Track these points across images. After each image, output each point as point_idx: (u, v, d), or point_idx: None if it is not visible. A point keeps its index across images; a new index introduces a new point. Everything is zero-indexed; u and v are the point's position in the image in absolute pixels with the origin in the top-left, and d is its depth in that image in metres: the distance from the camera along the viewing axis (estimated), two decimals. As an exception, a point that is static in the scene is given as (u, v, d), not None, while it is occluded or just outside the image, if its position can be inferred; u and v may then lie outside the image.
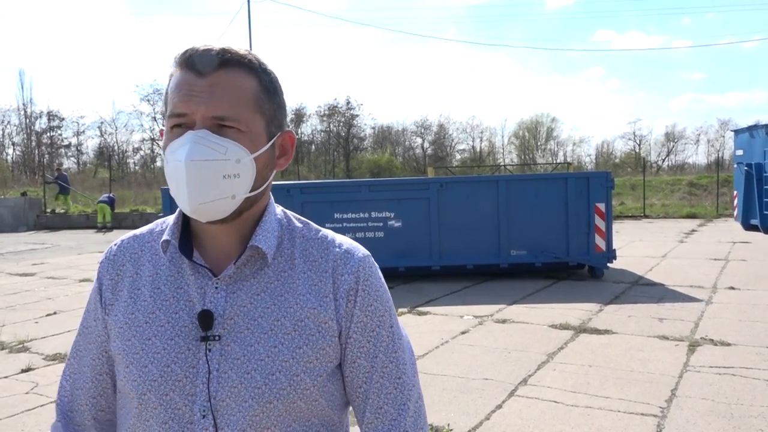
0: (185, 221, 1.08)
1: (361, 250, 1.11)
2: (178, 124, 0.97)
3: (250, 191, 1.00)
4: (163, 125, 1.04)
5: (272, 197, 1.11)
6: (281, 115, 1.05)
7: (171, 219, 1.09)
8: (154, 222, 1.16)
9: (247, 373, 0.99)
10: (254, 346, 1.00)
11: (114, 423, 1.15)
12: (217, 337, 1.00)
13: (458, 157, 51.07)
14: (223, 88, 0.96)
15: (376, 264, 1.13)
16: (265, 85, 1.01)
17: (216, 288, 1.02)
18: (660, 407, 4.08)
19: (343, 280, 1.05)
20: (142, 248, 1.11)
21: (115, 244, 1.15)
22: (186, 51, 0.98)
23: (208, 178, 0.94)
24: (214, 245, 1.06)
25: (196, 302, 1.03)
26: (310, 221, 1.14)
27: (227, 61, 0.97)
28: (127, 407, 1.06)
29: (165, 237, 1.05)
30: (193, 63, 0.96)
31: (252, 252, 1.04)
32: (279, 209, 1.12)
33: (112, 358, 1.09)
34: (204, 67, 0.96)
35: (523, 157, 50.74)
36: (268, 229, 1.06)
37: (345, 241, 1.11)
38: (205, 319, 1.00)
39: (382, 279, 1.12)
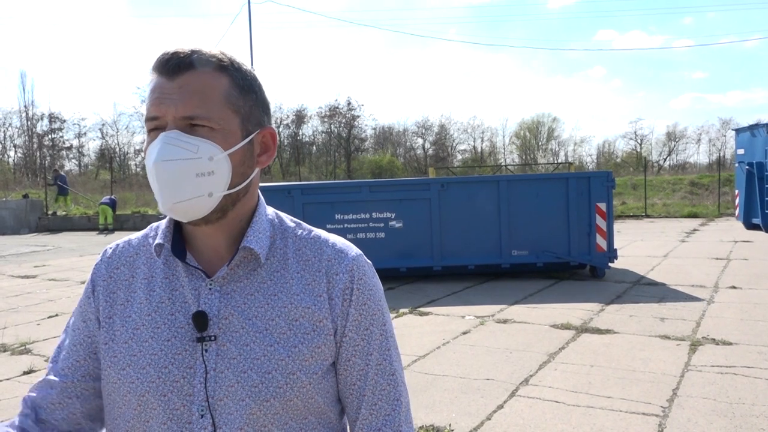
0: (177, 224, 1.09)
1: (354, 249, 1.12)
2: (154, 127, 0.99)
3: (229, 188, 1.00)
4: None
5: (262, 197, 1.12)
6: (259, 112, 1.06)
7: (163, 223, 1.11)
8: (147, 228, 1.17)
9: (243, 372, 1.00)
10: (250, 346, 1.01)
11: (83, 428, 1.13)
12: (212, 338, 1.01)
13: (459, 157, 51.06)
14: (192, 88, 0.98)
15: (369, 262, 1.13)
16: (238, 83, 1.02)
17: (210, 289, 1.04)
18: (662, 407, 4.08)
19: (338, 279, 1.06)
20: (137, 253, 1.13)
21: (110, 248, 1.16)
22: (159, 56, 1.00)
23: (181, 176, 0.95)
24: (206, 247, 1.07)
25: (191, 304, 1.04)
26: (302, 221, 1.15)
27: (195, 61, 0.98)
28: (119, 409, 1.05)
29: (158, 240, 1.06)
30: (163, 67, 0.99)
31: (245, 253, 1.05)
32: (270, 210, 1.13)
33: (101, 360, 1.09)
34: (173, 69, 0.98)
35: (524, 157, 50.72)
36: (260, 229, 1.07)
37: (338, 240, 1.12)
38: (200, 319, 1.01)
39: (376, 277, 1.13)
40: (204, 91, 0.98)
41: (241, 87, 1.02)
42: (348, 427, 1.15)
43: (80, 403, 1.11)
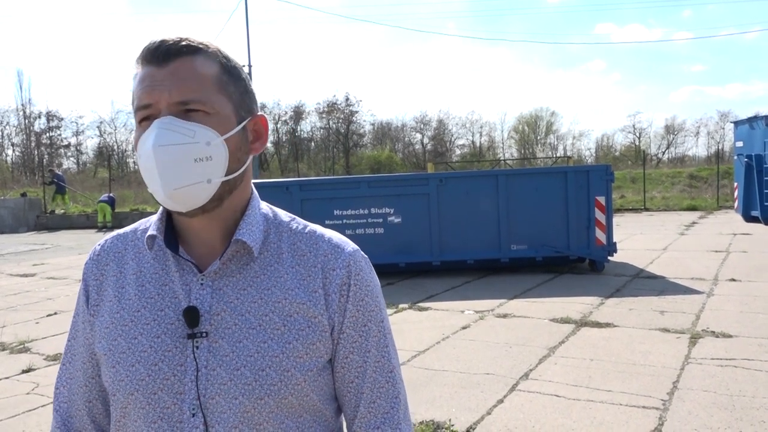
0: (169, 217, 1.07)
1: (351, 244, 1.10)
2: (146, 117, 0.97)
3: (226, 174, 0.98)
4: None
5: (256, 192, 1.10)
6: (249, 100, 1.05)
7: (155, 216, 1.09)
8: (138, 221, 1.15)
9: (236, 369, 0.98)
10: (243, 342, 0.99)
11: None
12: (204, 334, 0.99)
13: (458, 152, 51.04)
14: (184, 73, 0.96)
15: (366, 257, 1.11)
16: (228, 69, 1.01)
17: (201, 284, 1.01)
18: (662, 400, 4.07)
19: (335, 274, 1.04)
20: (126, 247, 1.10)
21: (99, 245, 1.14)
22: (145, 46, 0.98)
23: (179, 162, 0.93)
24: (199, 240, 1.05)
25: (182, 299, 1.01)
26: (296, 216, 1.13)
27: (184, 48, 0.97)
28: (113, 407, 1.05)
29: (150, 232, 1.04)
30: (151, 55, 0.97)
31: (237, 246, 1.02)
32: (264, 204, 1.11)
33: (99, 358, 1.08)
34: (162, 57, 0.96)
35: (522, 152, 50.68)
36: (253, 222, 1.05)
37: (334, 235, 1.10)
38: (191, 315, 0.99)
39: (373, 273, 1.11)
40: (196, 76, 0.97)
41: (230, 73, 1.01)
42: (344, 426, 1.13)
43: (100, 403, 1.12)
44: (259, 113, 1.07)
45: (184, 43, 0.97)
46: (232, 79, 1.01)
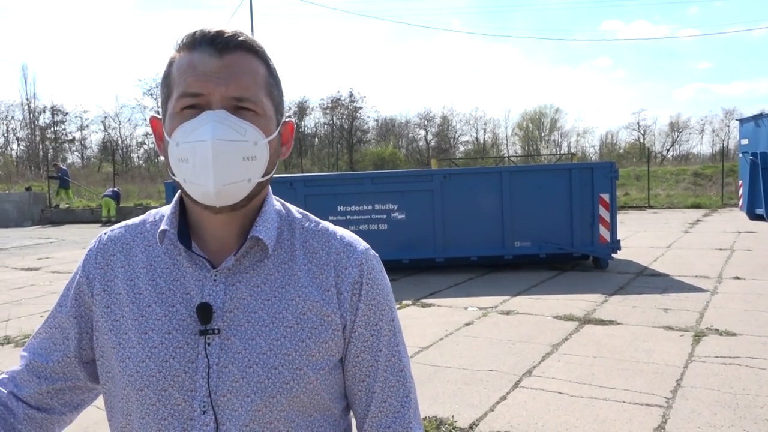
0: (182, 211, 1.05)
1: (362, 243, 1.10)
2: (191, 105, 0.94)
3: (263, 176, 0.98)
4: (157, 113, 1.03)
5: (270, 189, 1.10)
6: (283, 104, 1.05)
7: (165, 210, 1.07)
8: (146, 213, 1.13)
9: (248, 367, 0.97)
10: (255, 340, 0.98)
11: (51, 411, 1.10)
12: (216, 331, 0.98)
13: (462, 148, 50.96)
14: (241, 69, 0.95)
15: (377, 255, 1.11)
16: (272, 72, 1.01)
17: (215, 280, 1.01)
18: (665, 398, 4.07)
19: (347, 273, 1.04)
20: (134, 239, 1.08)
21: (105, 234, 1.12)
22: (195, 32, 0.97)
23: (231, 158, 0.92)
24: (213, 236, 1.04)
25: (194, 295, 1.00)
26: (309, 213, 1.13)
27: (242, 44, 0.96)
28: (118, 403, 1.03)
29: (163, 227, 1.02)
30: (207, 44, 0.95)
31: (252, 243, 1.02)
32: (277, 201, 1.11)
33: (88, 349, 1.07)
34: (219, 47, 0.95)
35: (526, 149, 50.57)
36: (268, 219, 1.04)
37: (345, 233, 1.10)
38: (204, 312, 0.98)
39: (384, 271, 1.11)
40: (252, 74, 0.96)
41: (274, 76, 1.02)
42: (352, 424, 1.13)
43: (46, 384, 1.08)
44: (288, 119, 1.07)
45: (242, 38, 0.96)
46: (276, 83, 1.02)
